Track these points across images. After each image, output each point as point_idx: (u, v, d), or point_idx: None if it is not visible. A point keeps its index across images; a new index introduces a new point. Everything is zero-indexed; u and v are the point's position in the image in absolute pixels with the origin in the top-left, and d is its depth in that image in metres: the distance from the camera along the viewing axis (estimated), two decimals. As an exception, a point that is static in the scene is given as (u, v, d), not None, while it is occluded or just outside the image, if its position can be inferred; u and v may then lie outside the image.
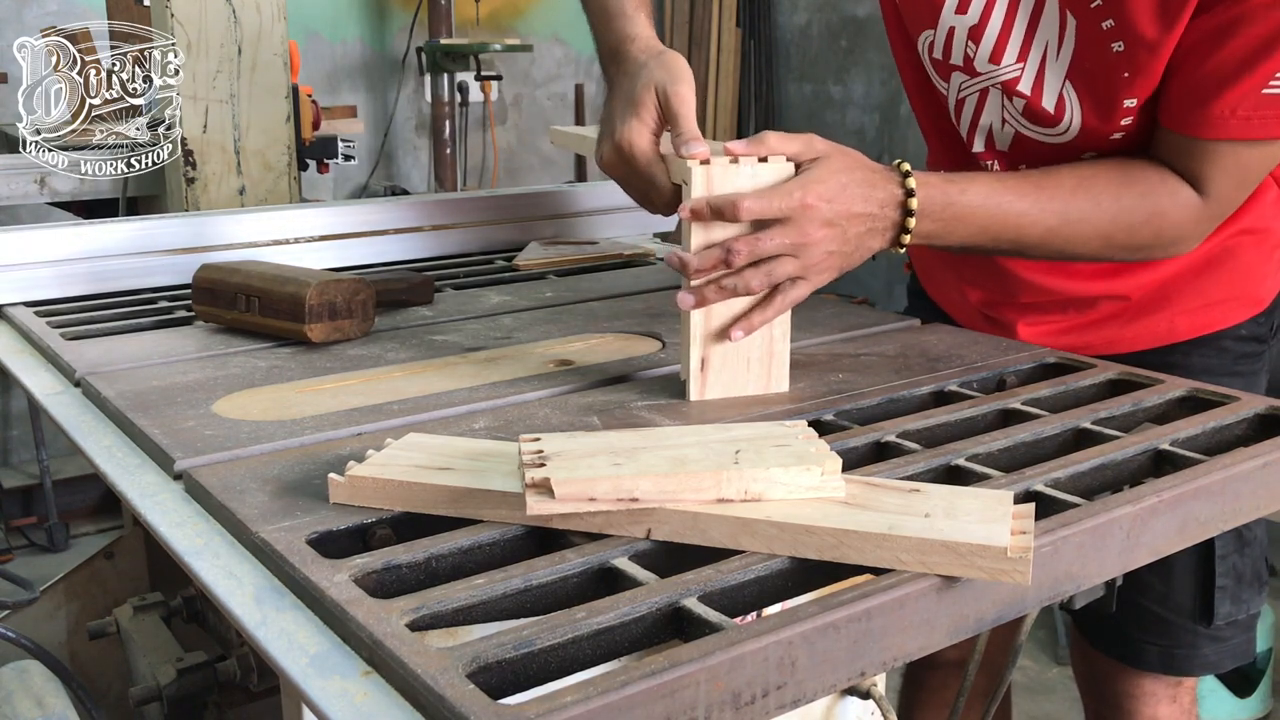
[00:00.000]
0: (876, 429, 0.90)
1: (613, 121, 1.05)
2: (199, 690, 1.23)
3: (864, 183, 0.97)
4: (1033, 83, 1.15)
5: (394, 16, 4.32)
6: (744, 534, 0.68)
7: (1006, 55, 1.15)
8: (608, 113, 1.08)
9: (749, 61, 4.81)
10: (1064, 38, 1.12)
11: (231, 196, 1.85)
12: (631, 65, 1.07)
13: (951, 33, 1.18)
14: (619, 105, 1.05)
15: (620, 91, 1.07)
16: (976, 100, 1.21)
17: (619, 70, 1.09)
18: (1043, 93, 1.15)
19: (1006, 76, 1.16)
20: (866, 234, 0.98)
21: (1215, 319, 1.24)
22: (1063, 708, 2.50)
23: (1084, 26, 1.09)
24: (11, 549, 3.21)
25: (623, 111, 1.04)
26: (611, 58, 1.12)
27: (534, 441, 0.75)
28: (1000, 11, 1.14)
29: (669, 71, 1.03)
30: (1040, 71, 1.14)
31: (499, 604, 0.64)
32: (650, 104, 1.03)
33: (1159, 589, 1.26)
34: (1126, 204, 1.06)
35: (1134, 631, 1.29)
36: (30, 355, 1.20)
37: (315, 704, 0.57)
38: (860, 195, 0.96)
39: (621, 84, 1.07)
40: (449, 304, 1.37)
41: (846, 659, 0.63)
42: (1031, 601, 0.72)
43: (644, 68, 1.05)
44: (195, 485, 0.81)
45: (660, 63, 1.05)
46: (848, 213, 0.96)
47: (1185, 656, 1.28)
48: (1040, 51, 1.14)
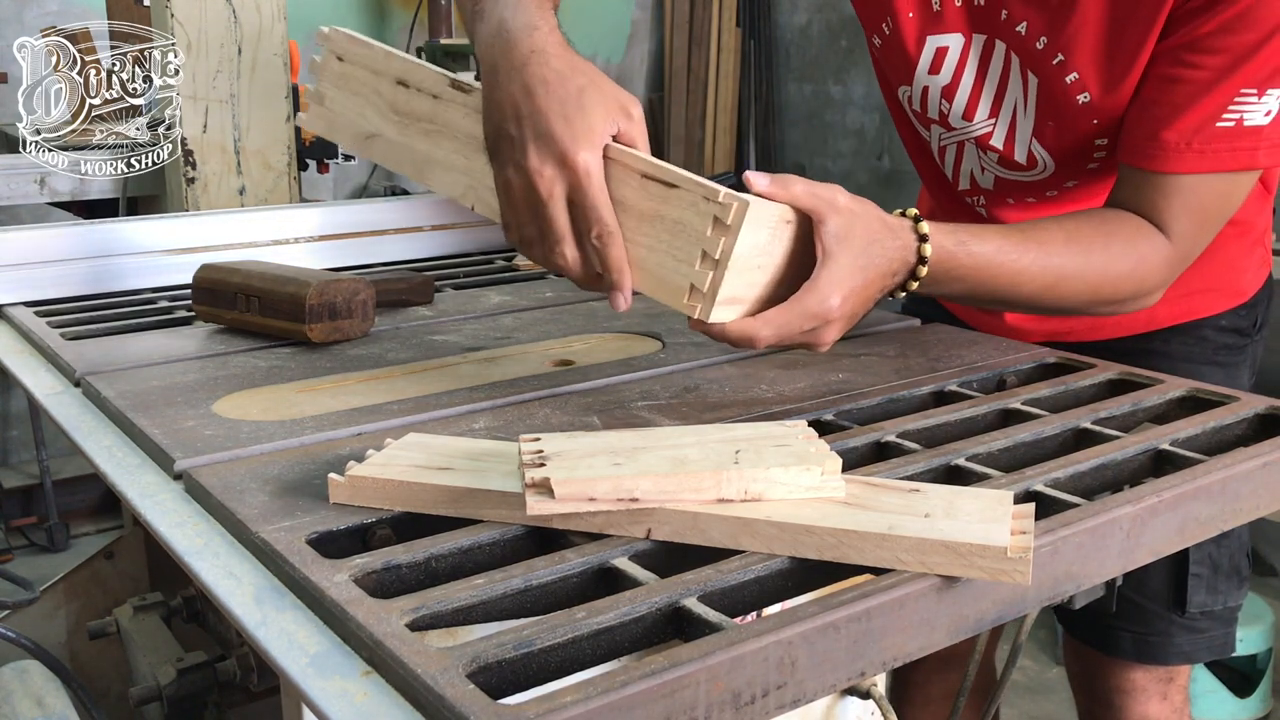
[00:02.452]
0: (876, 429, 0.90)
1: (546, 129, 0.84)
2: (199, 690, 1.23)
3: (883, 254, 0.93)
4: (1004, 138, 1.18)
5: (394, 16, 4.32)
6: (744, 534, 0.68)
7: (979, 113, 1.18)
8: (525, 113, 0.85)
9: (749, 61, 4.80)
10: (1028, 95, 1.14)
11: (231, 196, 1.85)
12: (559, 60, 0.88)
13: (926, 91, 1.20)
14: (553, 113, 0.84)
15: (547, 93, 0.85)
16: (956, 149, 1.25)
17: (538, 61, 0.87)
18: (1014, 148, 1.18)
19: (979, 132, 1.19)
20: (871, 302, 0.96)
21: (1195, 308, 1.25)
22: (1063, 708, 2.50)
23: (1045, 83, 1.11)
24: (11, 549, 3.21)
25: (567, 123, 0.84)
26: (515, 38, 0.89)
27: (534, 441, 0.75)
28: (970, 73, 1.16)
29: (615, 88, 0.88)
30: (1011, 128, 1.17)
31: (499, 604, 0.64)
32: (603, 127, 0.85)
33: (1135, 575, 1.25)
34: (1114, 253, 1.06)
35: (1110, 619, 1.29)
36: (30, 355, 1.20)
37: (315, 704, 0.57)
38: (879, 270, 0.93)
39: (546, 83, 0.86)
40: (449, 304, 1.37)
41: (846, 659, 0.63)
42: (1031, 601, 0.72)
43: (583, 73, 0.87)
44: (195, 485, 0.81)
45: (595, 76, 0.88)
46: (866, 298, 0.93)
47: (1159, 645, 1.29)
48: (1010, 110, 1.16)
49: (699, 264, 0.84)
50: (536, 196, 0.86)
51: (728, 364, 1.10)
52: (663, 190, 0.85)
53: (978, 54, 1.16)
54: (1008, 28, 1.12)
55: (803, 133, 4.80)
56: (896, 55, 1.20)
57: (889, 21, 1.18)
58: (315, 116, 1.09)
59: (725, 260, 0.83)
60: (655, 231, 0.86)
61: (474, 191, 0.98)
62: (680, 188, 0.85)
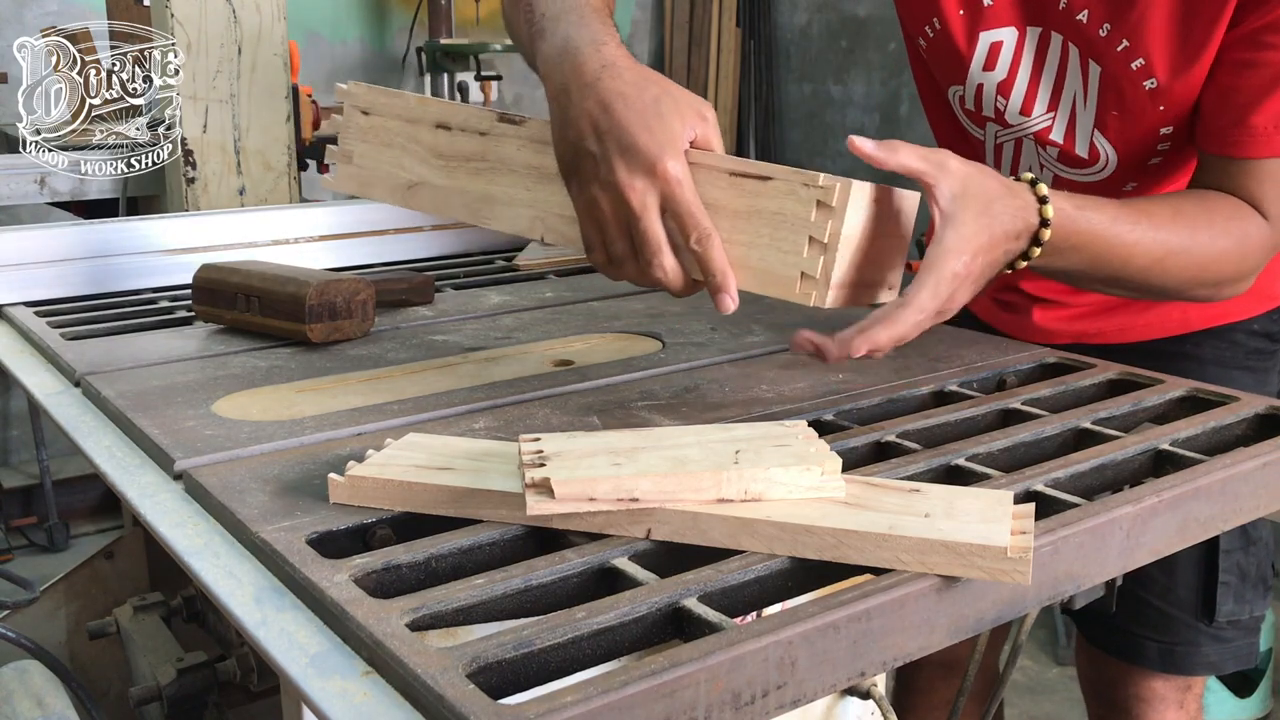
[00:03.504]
0: (876, 429, 0.90)
1: (631, 142, 0.83)
2: (199, 690, 1.23)
3: (1005, 212, 0.88)
4: (1064, 132, 1.15)
5: (394, 16, 4.32)
6: (744, 534, 0.68)
7: (1036, 107, 1.16)
8: (605, 128, 0.84)
9: (749, 61, 4.81)
10: (1088, 86, 1.11)
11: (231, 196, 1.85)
12: (630, 72, 0.87)
13: (980, 89, 1.18)
14: (635, 125, 0.83)
15: (626, 105, 0.84)
16: (1013, 147, 1.22)
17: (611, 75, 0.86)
18: (1075, 140, 1.15)
19: (1038, 127, 1.16)
20: (990, 271, 0.90)
21: (1228, 311, 1.24)
22: (1063, 708, 2.51)
23: (1109, 71, 1.09)
24: (11, 549, 3.21)
25: (650, 133, 0.83)
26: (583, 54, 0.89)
27: (534, 441, 0.75)
28: (1027, 66, 1.14)
29: (685, 92, 0.88)
30: (1071, 121, 1.14)
31: (499, 604, 0.64)
32: (683, 133, 0.85)
33: (1161, 582, 1.25)
34: (1217, 231, 1.03)
35: (1134, 627, 1.28)
36: (30, 355, 1.20)
37: (315, 704, 0.57)
38: (1004, 229, 0.88)
39: (624, 96, 0.84)
40: (449, 304, 1.37)
41: (846, 659, 0.63)
42: (1031, 601, 0.72)
43: (655, 82, 0.87)
44: (195, 485, 0.81)
45: (667, 84, 0.87)
46: (992, 260, 0.88)
47: (1185, 654, 1.27)
48: (1070, 102, 1.14)
49: (807, 250, 0.84)
50: (630, 211, 0.85)
51: (728, 364, 1.10)
52: (756, 185, 0.85)
53: (1033, 47, 1.14)
54: (1066, 17, 1.10)
55: (803, 133, 4.80)
56: (946, 54, 1.18)
57: (936, 21, 1.16)
58: (346, 176, 1.07)
59: (835, 242, 0.83)
60: (754, 227, 0.86)
61: (542, 222, 0.97)
62: (775, 179, 0.85)
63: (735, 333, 1.21)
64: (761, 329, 1.22)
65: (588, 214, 0.88)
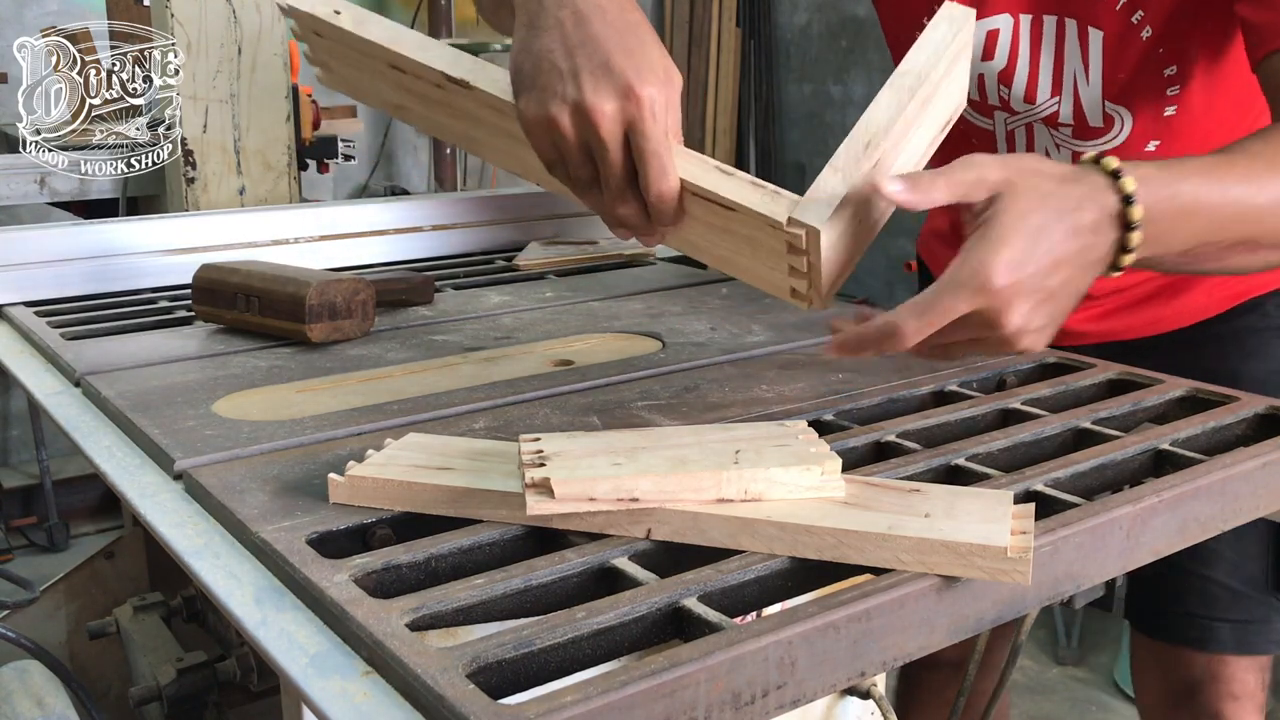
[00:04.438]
0: (876, 429, 0.90)
1: (606, 59, 0.75)
2: (199, 690, 1.23)
3: (1064, 211, 0.74)
4: (1072, 110, 1.13)
5: (394, 16, 4.30)
6: (744, 534, 0.68)
7: (1039, 93, 1.13)
8: (576, 41, 0.76)
9: (749, 61, 4.81)
10: (1088, 59, 1.08)
11: (231, 196, 1.85)
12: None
13: (981, 79, 1.16)
14: (613, 42, 0.75)
15: (605, 20, 0.76)
16: (1025, 132, 1.19)
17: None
18: (1085, 115, 1.12)
19: (1046, 112, 1.14)
20: (1077, 275, 0.76)
21: (1253, 286, 1.23)
22: (1063, 708, 2.51)
23: (1111, 31, 1.06)
24: (11, 549, 3.21)
25: (629, 55, 0.75)
26: None
27: (534, 441, 0.75)
28: (1025, 52, 1.12)
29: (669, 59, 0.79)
30: (1076, 98, 1.12)
31: (499, 604, 0.64)
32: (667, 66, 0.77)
33: (1229, 558, 1.22)
34: None
35: (1201, 610, 1.24)
36: (30, 355, 1.20)
37: (315, 704, 0.57)
38: (1063, 232, 0.74)
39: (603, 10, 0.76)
40: (449, 304, 1.37)
41: (846, 659, 0.63)
42: (1031, 601, 0.72)
43: (635, 9, 0.79)
44: (195, 485, 0.81)
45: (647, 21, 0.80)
46: (1050, 265, 0.73)
47: (1259, 632, 1.24)
48: (1071, 80, 1.11)
49: (790, 274, 0.78)
50: (595, 137, 0.75)
51: (728, 364, 1.10)
52: (724, 211, 0.78)
53: (1028, 30, 1.11)
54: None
55: (803, 133, 4.80)
56: None
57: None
58: (334, 80, 0.98)
59: (816, 270, 0.76)
60: (733, 243, 0.80)
61: (535, 173, 0.89)
62: (739, 211, 0.77)
63: (735, 333, 1.21)
64: (761, 329, 1.22)
65: (544, 133, 0.78)
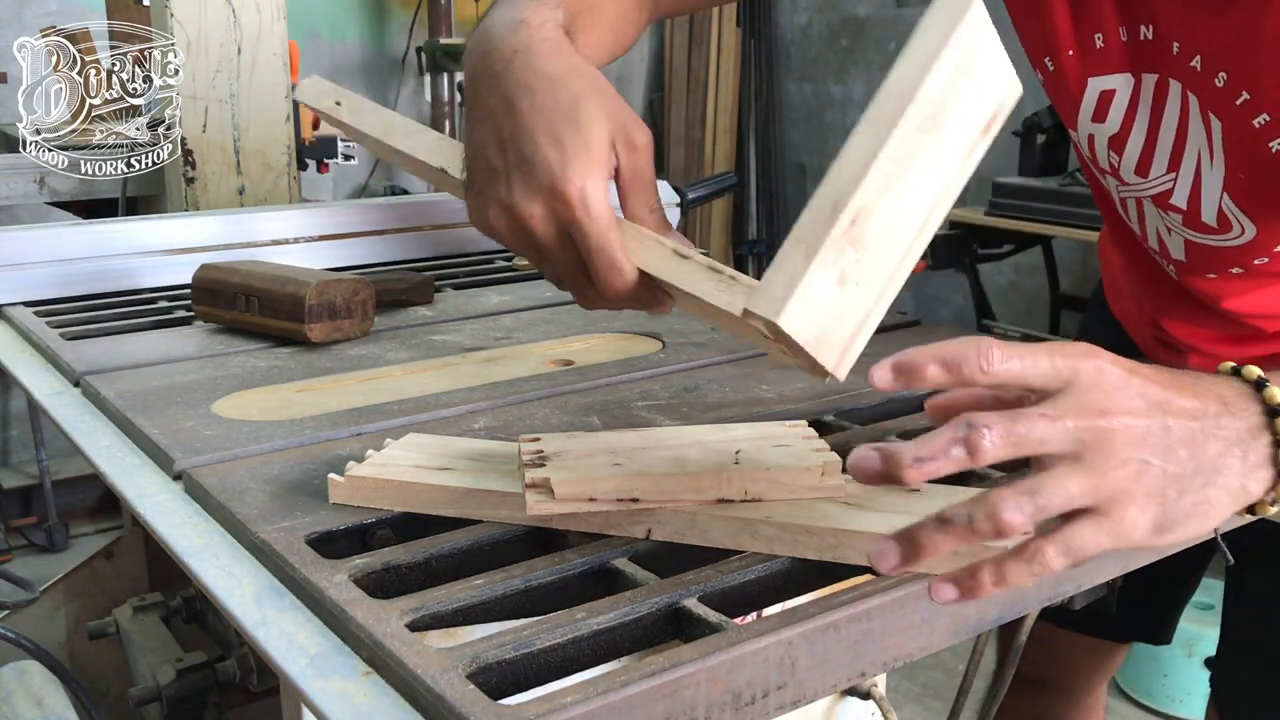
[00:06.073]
0: (876, 429, 0.90)
1: (532, 154, 0.67)
2: (199, 690, 1.23)
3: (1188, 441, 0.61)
4: (1188, 197, 0.96)
5: (394, 16, 4.32)
6: (744, 534, 0.68)
7: (1154, 168, 0.98)
8: (507, 133, 0.69)
9: (749, 61, 4.81)
10: (1213, 143, 0.93)
11: (231, 196, 1.85)
12: (549, 60, 0.70)
13: (1092, 140, 1.01)
14: (540, 130, 0.67)
15: (533, 104, 0.68)
16: (1136, 205, 1.05)
17: (521, 64, 0.70)
18: (1201, 207, 0.96)
19: (1157, 190, 0.99)
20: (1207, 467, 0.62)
21: None
22: (1063, 708, 2.50)
23: (1231, 128, 0.90)
24: (11, 549, 3.21)
25: (556, 143, 0.67)
26: (496, 37, 0.72)
27: (534, 441, 0.75)
28: (1143, 121, 0.96)
29: (621, 103, 0.70)
30: (1195, 184, 0.95)
31: (499, 604, 0.64)
32: (605, 145, 0.68)
33: None
34: None
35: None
36: (30, 355, 1.20)
37: (315, 704, 0.57)
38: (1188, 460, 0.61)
39: (532, 91, 0.69)
40: (449, 304, 1.37)
41: (847, 659, 0.63)
42: (1031, 601, 0.72)
43: (581, 76, 0.70)
44: (195, 485, 0.81)
45: (598, 83, 0.70)
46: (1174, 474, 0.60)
47: None
48: (1194, 161, 0.94)
49: (786, 354, 0.65)
50: (534, 240, 0.69)
51: (728, 364, 1.10)
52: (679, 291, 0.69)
53: (1149, 97, 0.95)
54: (1180, 63, 0.90)
55: (803, 133, 4.80)
56: (1060, 96, 1.01)
57: (1050, 59, 0.99)
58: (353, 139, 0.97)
59: (803, 352, 0.63)
60: (726, 320, 0.68)
61: None
62: (698, 297, 0.67)
63: (735, 333, 1.21)
64: (761, 329, 1.22)
65: (492, 235, 0.72)
